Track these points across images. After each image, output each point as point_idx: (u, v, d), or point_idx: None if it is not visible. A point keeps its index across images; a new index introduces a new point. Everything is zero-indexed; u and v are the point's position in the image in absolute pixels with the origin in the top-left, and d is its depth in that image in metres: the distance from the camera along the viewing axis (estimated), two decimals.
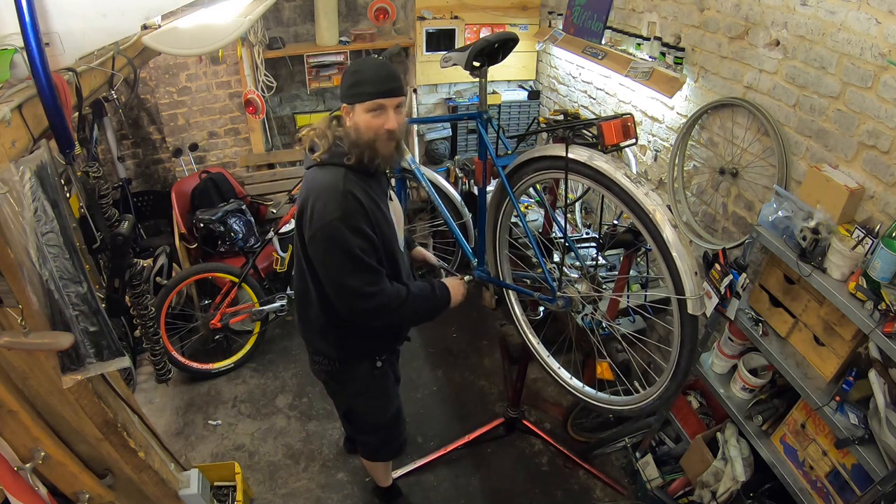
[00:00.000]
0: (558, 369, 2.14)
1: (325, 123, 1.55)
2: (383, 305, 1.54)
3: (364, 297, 1.51)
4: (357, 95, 1.45)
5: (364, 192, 1.49)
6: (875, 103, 1.64)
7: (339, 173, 1.47)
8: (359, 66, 1.49)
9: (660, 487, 2.27)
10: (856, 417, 1.50)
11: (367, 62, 1.55)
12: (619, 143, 1.65)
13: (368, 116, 1.45)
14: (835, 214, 1.67)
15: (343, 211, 1.43)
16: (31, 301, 1.05)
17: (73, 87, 1.18)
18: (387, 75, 1.46)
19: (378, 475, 2.31)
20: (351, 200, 1.44)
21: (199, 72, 3.49)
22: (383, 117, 1.46)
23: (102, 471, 1.47)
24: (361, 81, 1.44)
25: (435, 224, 3.51)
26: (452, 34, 3.55)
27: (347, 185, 1.45)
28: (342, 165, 1.48)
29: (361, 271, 1.48)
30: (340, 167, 1.48)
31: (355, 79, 1.45)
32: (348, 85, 1.46)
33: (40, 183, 1.02)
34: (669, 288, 1.46)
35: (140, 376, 2.99)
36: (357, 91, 1.45)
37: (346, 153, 1.48)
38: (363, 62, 1.55)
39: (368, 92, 1.44)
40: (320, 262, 1.51)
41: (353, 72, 1.47)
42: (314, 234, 1.46)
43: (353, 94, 1.45)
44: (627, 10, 2.77)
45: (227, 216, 3.10)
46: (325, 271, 1.51)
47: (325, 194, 1.45)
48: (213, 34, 1.55)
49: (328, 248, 1.45)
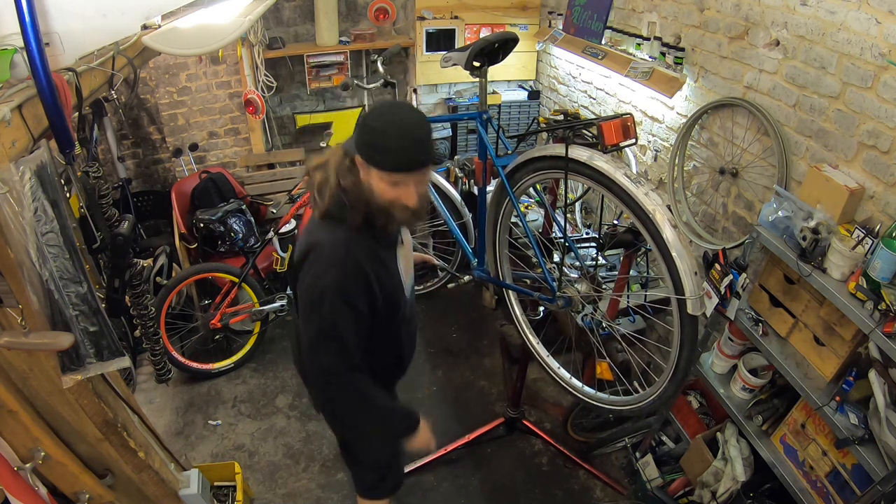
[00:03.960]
0: (558, 369, 2.15)
1: (336, 166, 1.28)
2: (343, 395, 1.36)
3: (328, 377, 1.34)
4: (374, 160, 1.21)
5: (369, 253, 1.31)
6: (875, 103, 1.64)
7: (344, 234, 1.28)
8: (383, 123, 1.19)
9: (660, 487, 2.27)
10: (856, 417, 1.50)
11: (393, 117, 1.21)
12: (619, 143, 1.65)
13: (385, 185, 1.23)
14: (835, 214, 1.67)
15: (339, 282, 1.26)
16: (31, 301, 1.05)
17: (73, 87, 1.18)
18: (413, 143, 1.20)
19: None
20: (351, 269, 1.27)
21: (199, 72, 3.49)
22: (403, 190, 1.24)
23: (102, 471, 1.47)
24: (383, 147, 1.19)
25: (435, 224, 3.51)
26: (452, 34, 3.55)
27: (351, 248, 1.28)
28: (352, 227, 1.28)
29: (336, 352, 1.31)
30: (346, 226, 1.28)
31: (375, 139, 1.19)
32: (366, 142, 1.21)
33: (40, 183, 1.02)
34: (669, 288, 1.47)
35: (140, 376, 2.98)
36: (375, 155, 1.20)
37: (354, 206, 1.26)
38: (389, 116, 1.21)
39: (389, 161, 1.20)
40: (303, 319, 1.34)
41: (373, 128, 1.20)
42: (304, 291, 1.30)
43: (369, 155, 1.21)
44: (627, 10, 2.77)
45: (227, 216, 3.10)
46: (305, 332, 1.35)
47: (325, 257, 1.27)
48: (213, 34, 1.55)
49: (311, 313, 1.30)
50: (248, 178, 3.65)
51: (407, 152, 1.20)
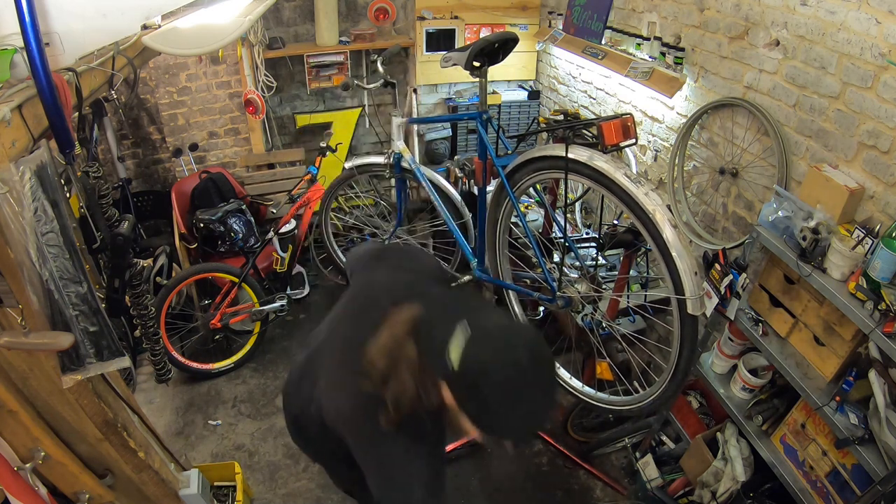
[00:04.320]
0: (558, 369, 2.14)
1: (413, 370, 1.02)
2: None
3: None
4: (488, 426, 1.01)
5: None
6: (875, 103, 1.64)
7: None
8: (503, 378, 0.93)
9: (660, 487, 2.27)
10: (856, 417, 1.50)
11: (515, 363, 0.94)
12: (619, 143, 1.66)
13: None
14: (835, 214, 1.67)
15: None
16: (31, 301, 1.05)
17: (73, 87, 1.18)
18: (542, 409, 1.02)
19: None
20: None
21: (199, 72, 3.49)
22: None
23: (102, 471, 1.47)
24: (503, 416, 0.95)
25: (435, 224, 3.51)
26: (452, 34, 3.55)
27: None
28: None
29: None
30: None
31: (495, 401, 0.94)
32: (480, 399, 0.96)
33: (40, 183, 1.02)
34: (669, 288, 1.47)
35: (140, 376, 2.98)
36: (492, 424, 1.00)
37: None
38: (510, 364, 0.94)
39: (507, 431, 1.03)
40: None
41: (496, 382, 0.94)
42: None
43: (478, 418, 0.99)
44: (627, 10, 2.77)
45: (227, 216, 3.10)
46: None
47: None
48: (213, 34, 1.55)
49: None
50: (248, 178, 3.65)
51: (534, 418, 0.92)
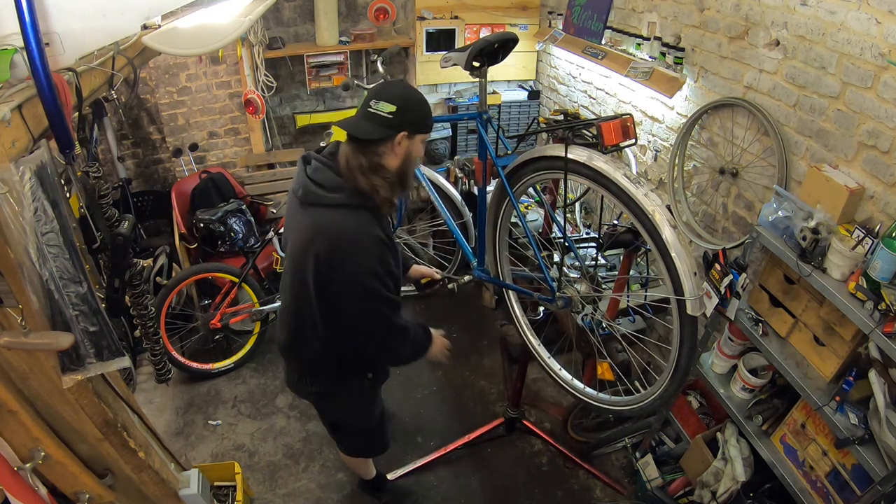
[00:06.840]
0: (559, 370, 2.15)
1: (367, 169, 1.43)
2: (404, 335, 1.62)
3: (394, 329, 1.57)
4: (429, 126, 1.50)
5: (384, 229, 1.49)
6: (875, 103, 1.64)
7: (367, 217, 1.44)
8: (417, 94, 1.48)
9: (660, 487, 2.27)
10: (856, 417, 1.50)
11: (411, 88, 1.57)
12: (619, 144, 1.65)
13: (420, 146, 1.49)
14: (835, 214, 1.67)
15: (379, 259, 1.44)
16: (31, 301, 1.05)
17: (73, 87, 1.18)
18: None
19: (361, 469, 2.30)
20: (382, 246, 1.45)
21: (199, 72, 3.49)
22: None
23: (102, 471, 1.47)
24: (429, 111, 1.48)
25: (435, 224, 3.51)
26: (452, 34, 3.55)
27: (377, 229, 1.45)
28: (367, 208, 1.45)
29: (394, 308, 1.54)
30: (366, 210, 1.44)
31: (425, 108, 1.47)
32: (423, 113, 1.47)
33: (40, 183, 1.02)
34: (669, 288, 1.47)
35: (140, 376, 2.98)
36: (430, 121, 1.49)
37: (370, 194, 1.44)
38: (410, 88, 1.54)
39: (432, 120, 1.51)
40: (359, 312, 1.49)
41: (419, 100, 1.46)
42: (352, 290, 1.44)
43: (426, 125, 1.48)
44: (627, 10, 2.77)
45: (227, 216, 3.10)
46: (362, 319, 1.51)
47: (360, 244, 1.42)
48: (213, 34, 1.55)
49: (368, 302, 1.47)
50: (248, 178, 3.65)
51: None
